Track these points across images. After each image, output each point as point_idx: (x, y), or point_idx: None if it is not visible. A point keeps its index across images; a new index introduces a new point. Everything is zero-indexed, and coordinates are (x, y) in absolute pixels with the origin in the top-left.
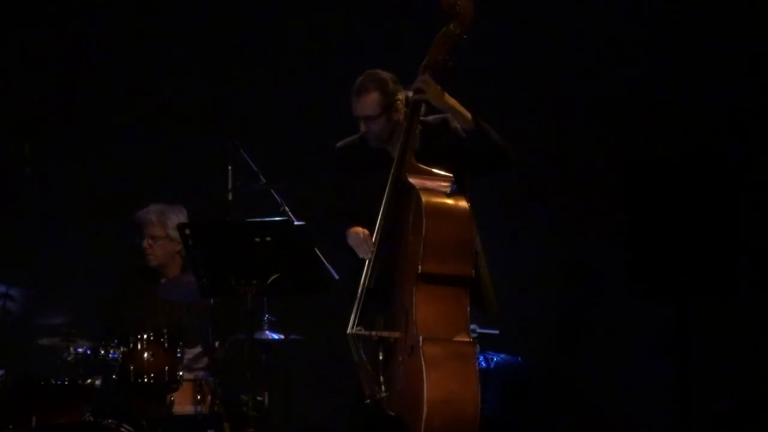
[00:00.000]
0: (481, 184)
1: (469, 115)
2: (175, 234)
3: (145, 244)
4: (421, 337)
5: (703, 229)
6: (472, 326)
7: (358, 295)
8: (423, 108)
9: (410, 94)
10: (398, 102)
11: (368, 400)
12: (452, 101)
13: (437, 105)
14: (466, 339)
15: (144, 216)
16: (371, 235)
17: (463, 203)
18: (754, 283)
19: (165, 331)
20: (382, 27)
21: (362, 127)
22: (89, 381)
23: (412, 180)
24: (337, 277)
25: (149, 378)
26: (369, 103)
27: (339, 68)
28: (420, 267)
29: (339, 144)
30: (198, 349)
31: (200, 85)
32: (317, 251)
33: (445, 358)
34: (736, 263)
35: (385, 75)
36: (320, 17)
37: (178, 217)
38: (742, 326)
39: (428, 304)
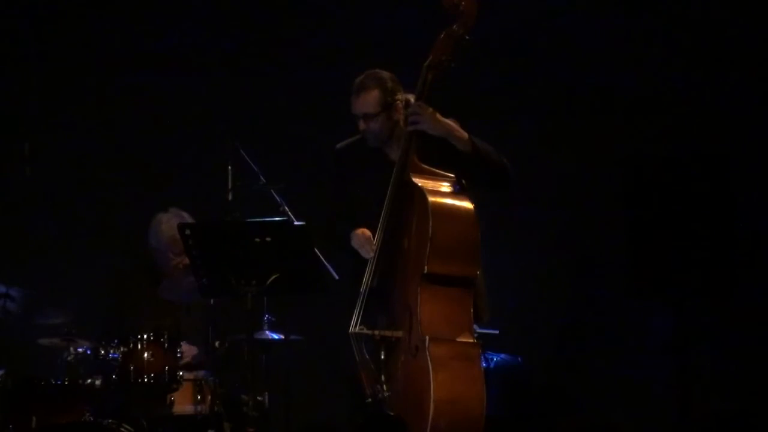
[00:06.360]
0: None
1: (465, 135)
2: None
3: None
4: (427, 337)
5: (704, 230)
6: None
7: (361, 294)
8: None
9: (410, 97)
10: (398, 102)
11: (369, 400)
12: (448, 125)
13: (433, 133)
14: (471, 340)
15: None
16: (373, 235)
17: (468, 203)
18: (754, 283)
19: (165, 331)
20: (383, 27)
21: (361, 125)
22: (89, 381)
23: (416, 180)
24: (337, 277)
25: (149, 378)
26: (369, 100)
27: (339, 68)
28: (426, 267)
29: (338, 145)
30: (197, 350)
31: (200, 85)
32: (317, 251)
33: (451, 359)
34: (735, 263)
35: (385, 74)
36: (321, 17)
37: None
38: (741, 326)
39: (433, 304)
